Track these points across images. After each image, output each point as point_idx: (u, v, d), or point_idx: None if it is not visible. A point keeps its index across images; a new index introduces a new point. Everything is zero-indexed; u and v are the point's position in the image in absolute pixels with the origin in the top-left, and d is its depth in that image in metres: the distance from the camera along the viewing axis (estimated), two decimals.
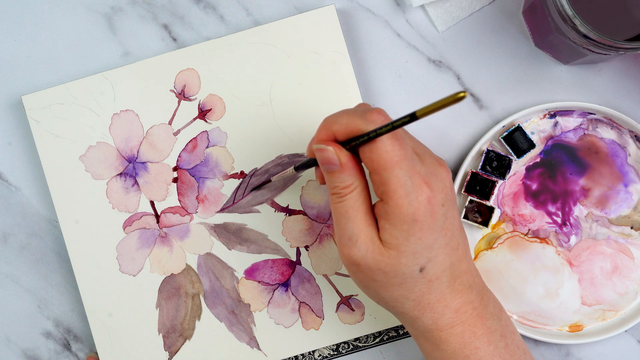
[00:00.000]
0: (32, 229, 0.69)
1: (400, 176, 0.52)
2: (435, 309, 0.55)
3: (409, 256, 0.53)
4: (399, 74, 0.69)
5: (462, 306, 0.56)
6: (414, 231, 0.53)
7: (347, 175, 0.54)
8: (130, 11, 0.69)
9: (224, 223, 0.68)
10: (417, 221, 0.53)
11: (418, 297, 0.55)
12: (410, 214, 0.52)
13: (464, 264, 0.56)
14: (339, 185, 0.54)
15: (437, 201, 0.53)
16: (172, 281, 0.67)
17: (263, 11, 0.69)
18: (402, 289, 0.55)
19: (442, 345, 0.56)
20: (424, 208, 0.53)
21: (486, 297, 0.57)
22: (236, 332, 0.67)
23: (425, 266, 0.54)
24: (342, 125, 0.54)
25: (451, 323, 0.56)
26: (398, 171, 0.52)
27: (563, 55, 0.67)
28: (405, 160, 0.52)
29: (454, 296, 0.55)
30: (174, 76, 0.68)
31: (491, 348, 0.56)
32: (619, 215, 0.68)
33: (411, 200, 0.52)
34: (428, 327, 0.56)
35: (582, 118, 0.68)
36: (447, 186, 0.54)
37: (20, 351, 0.69)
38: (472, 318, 0.56)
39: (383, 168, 0.52)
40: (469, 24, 0.69)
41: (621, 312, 0.68)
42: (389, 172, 0.52)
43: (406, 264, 0.54)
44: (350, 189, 0.54)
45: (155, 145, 0.68)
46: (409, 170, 0.52)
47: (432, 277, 0.54)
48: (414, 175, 0.53)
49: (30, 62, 0.69)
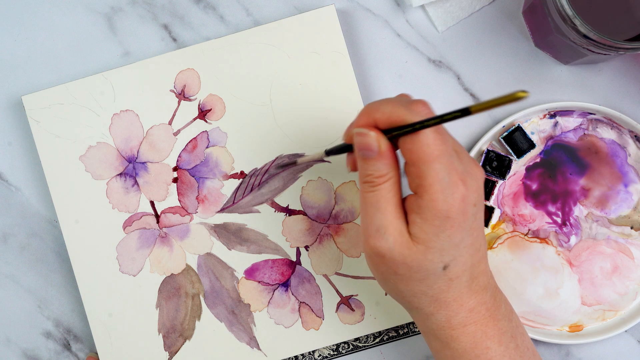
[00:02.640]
0: (32, 229, 0.69)
1: (438, 171, 0.52)
2: (450, 307, 0.55)
3: (435, 252, 0.53)
4: (399, 74, 0.69)
5: (477, 306, 0.56)
6: (445, 228, 0.53)
7: (383, 165, 0.53)
8: (130, 11, 0.69)
9: (224, 223, 0.68)
10: (450, 218, 0.52)
11: (436, 293, 0.55)
12: (444, 210, 0.52)
13: (482, 265, 0.56)
14: (373, 173, 0.54)
15: (470, 200, 0.53)
16: (172, 281, 0.67)
17: (263, 11, 0.69)
18: (423, 285, 0.55)
19: (453, 344, 0.56)
20: (458, 206, 0.52)
21: (498, 298, 0.57)
22: (236, 332, 0.67)
23: (449, 264, 0.54)
24: (385, 114, 0.53)
25: (464, 322, 0.56)
26: (437, 165, 0.52)
27: (563, 55, 0.67)
28: (445, 156, 0.52)
29: (470, 296, 0.55)
30: (174, 76, 0.68)
31: (502, 348, 0.56)
32: (619, 215, 0.68)
33: (447, 196, 0.52)
34: (441, 325, 0.56)
35: (582, 118, 0.68)
36: (480, 187, 0.54)
37: (20, 351, 0.69)
38: (484, 318, 0.56)
39: (422, 161, 0.52)
40: (469, 24, 0.69)
41: (621, 312, 0.68)
42: (427, 166, 0.52)
43: (432, 260, 0.53)
44: (385, 178, 0.54)
45: (155, 145, 0.68)
46: (448, 166, 0.52)
47: (453, 276, 0.54)
48: (452, 171, 0.52)
49: (30, 62, 0.69)
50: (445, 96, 0.69)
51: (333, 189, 0.67)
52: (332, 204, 0.67)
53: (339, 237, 0.67)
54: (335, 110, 0.67)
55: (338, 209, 0.67)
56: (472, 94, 0.69)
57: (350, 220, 0.67)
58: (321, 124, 0.67)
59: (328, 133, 0.67)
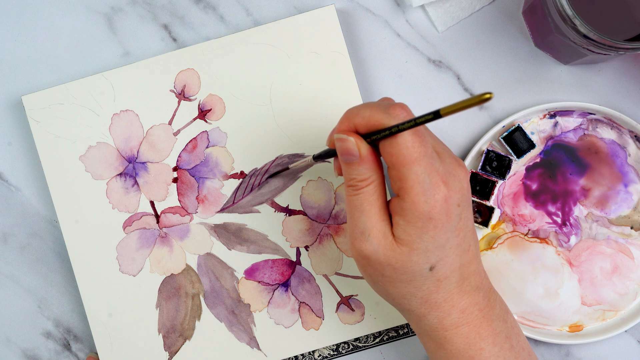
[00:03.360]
0: (32, 229, 0.69)
1: (418, 173, 0.52)
2: (441, 308, 0.55)
3: (420, 254, 0.53)
4: (399, 74, 0.69)
5: (469, 307, 0.56)
6: (427, 229, 0.53)
7: (365, 168, 0.54)
8: (130, 11, 0.69)
9: (224, 223, 0.68)
10: (432, 219, 0.53)
11: (425, 295, 0.55)
12: (426, 211, 0.52)
13: (474, 266, 0.56)
14: (356, 177, 0.54)
15: (454, 201, 0.53)
16: (172, 281, 0.67)
17: (263, 11, 0.69)
18: (411, 286, 0.55)
19: (447, 345, 0.56)
20: (440, 207, 0.53)
21: (493, 299, 0.57)
22: (236, 332, 0.67)
23: (436, 265, 0.54)
24: (364, 118, 0.53)
25: (457, 323, 0.56)
26: (417, 168, 0.52)
27: (563, 55, 0.67)
28: (424, 158, 0.52)
29: (461, 297, 0.55)
30: (174, 76, 0.68)
31: (496, 349, 0.56)
32: (618, 216, 0.68)
33: (428, 197, 0.52)
34: (433, 326, 0.56)
35: (582, 118, 0.68)
36: (464, 187, 0.54)
37: (20, 351, 0.69)
38: (477, 319, 0.56)
39: (402, 164, 0.52)
40: (469, 24, 0.69)
41: (621, 312, 0.68)
42: (407, 168, 0.52)
43: (417, 261, 0.53)
44: (367, 182, 0.54)
45: (155, 145, 0.68)
46: (428, 167, 0.52)
47: (441, 277, 0.54)
48: (433, 173, 0.52)
49: (30, 62, 0.69)
50: (445, 96, 0.69)
51: (333, 189, 0.67)
52: (332, 204, 0.67)
53: (339, 237, 0.67)
54: (335, 110, 0.67)
55: (338, 209, 0.67)
56: (472, 94, 0.69)
57: None
58: (321, 124, 0.67)
59: (328, 133, 0.67)
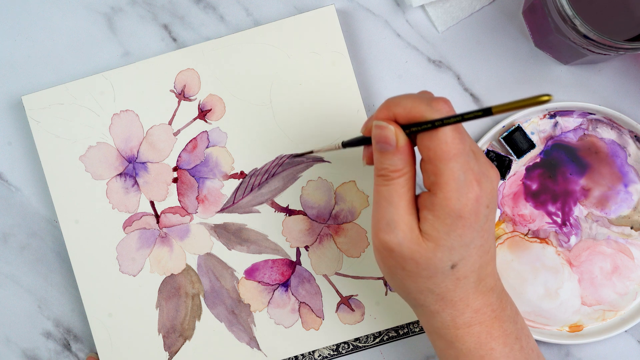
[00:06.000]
0: (32, 229, 0.69)
1: (455, 170, 0.52)
2: (456, 306, 0.55)
3: (445, 251, 0.53)
4: (399, 74, 0.69)
5: (482, 307, 0.56)
6: (456, 227, 0.53)
7: (400, 159, 0.54)
8: (130, 11, 0.69)
9: (224, 223, 0.68)
10: (462, 217, 0.52)
11: (443, 292, 0.55)
12: (457, 209, 0.52)
13: (490, 267, 0.56)
14: (388, 167, 0.54)
15: (484, 202, 0.53)
16: (172, 281, 0.67)
17: (263, 11, 0.69)
18: (430, 282, 0.55)
19: (457, 344, 0.56)
20: (471, 206, 0.52)
21: (504, 300, 0.57)
22: (236, 332, 0.67)
23: (458, 264, 0.54)
24: (406, 109, 0.53)
25: (469, 322, 0.56)
26: (454, 164, 0.52)
27: (563, 55, 0.67)
28: (462, 155, 0.52)
29: (477, 297, 0.55)
30: (174, 76, 0.68)
31: (507, 350, 0.56)
32: (619, 216, 0.68)
33: (461, 195, 0.52)
34: (445, 324, 0.56)
35: (582, 118, 0.68)
36: (494, 189, 0.54)
37: (20, 351, 0.69)
38: (489, 319, 0.56)
39: (440, 158, 0.52)
40: (469, 24, 0.69)
41: (621, 312, 0.68)
42: (444, 164, 0.52)
43: (441, 258, 0.53)
44: (400, 173, 0.54)
45: (155, 146, 0.68)
46: (465, 165, 0.52)
47: (460, 276, 0.54)
48: (468, 171, 0.52)
49: (30, 62, 0.69)
50: (445, 96, 0.69)
51: (333, 189, 0.67)
52: (332, 204, 0.67)
53: (339, 237, 0.67)
54: (335, 111, 0.67)
55: (338, 209, 0.67)
56: (472, 94, 0.69)
57: (350, 221, 0.67)
58: (321, 124, 0.67)
59: (328, 133, 0.67)
